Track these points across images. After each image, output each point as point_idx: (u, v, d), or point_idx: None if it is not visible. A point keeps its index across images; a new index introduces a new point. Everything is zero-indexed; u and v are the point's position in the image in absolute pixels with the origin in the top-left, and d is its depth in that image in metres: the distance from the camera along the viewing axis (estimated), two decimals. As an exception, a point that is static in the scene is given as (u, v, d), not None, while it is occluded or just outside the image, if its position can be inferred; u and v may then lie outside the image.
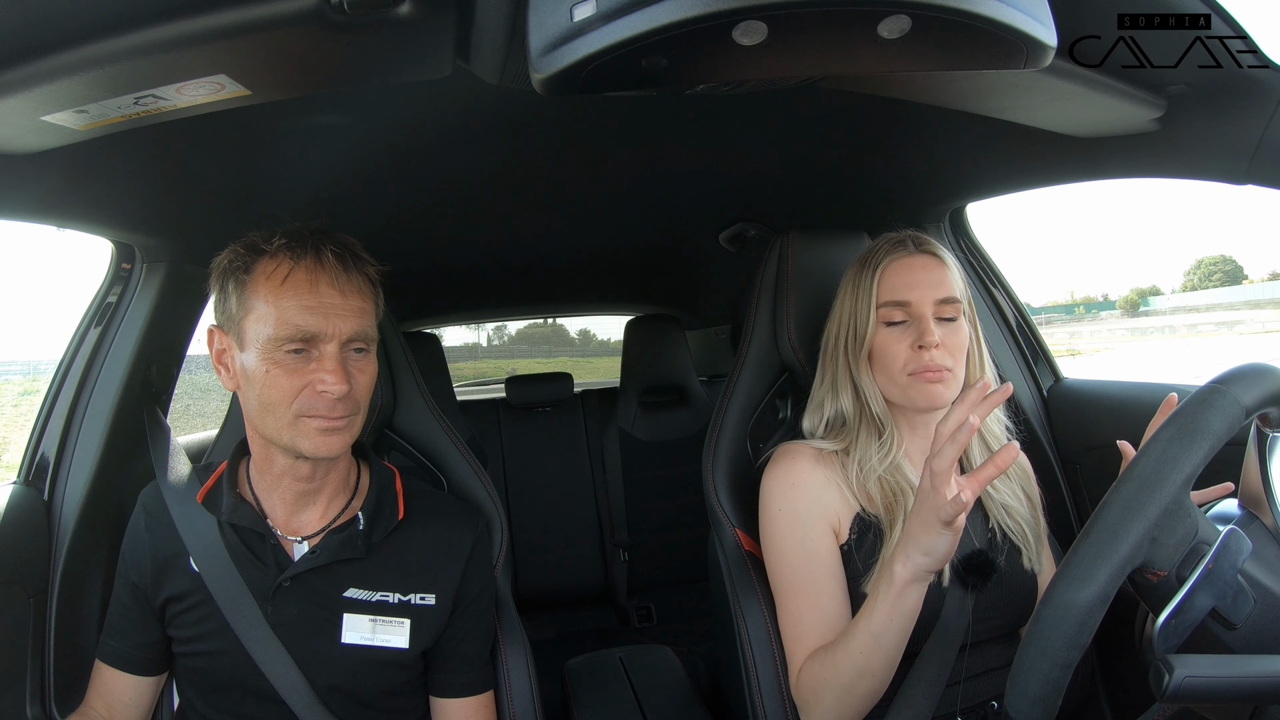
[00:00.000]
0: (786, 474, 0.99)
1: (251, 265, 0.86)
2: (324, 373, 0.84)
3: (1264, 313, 17.87)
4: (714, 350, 2.87)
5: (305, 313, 0.83)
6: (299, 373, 0.84)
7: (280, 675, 0.89)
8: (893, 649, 0.83)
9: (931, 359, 0.93)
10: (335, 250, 0.87)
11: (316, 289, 0.85)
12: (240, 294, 0.85)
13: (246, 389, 0.86)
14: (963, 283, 0.99)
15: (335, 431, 0.86)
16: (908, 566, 0.78)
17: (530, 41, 0.54)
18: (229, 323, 0.87)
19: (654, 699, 1.30)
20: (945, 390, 0.94)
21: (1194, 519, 0.63)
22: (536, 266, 2.25)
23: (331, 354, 0.85)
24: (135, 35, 0.61)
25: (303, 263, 0.85)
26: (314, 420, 0.85)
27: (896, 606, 0.80)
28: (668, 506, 2.42)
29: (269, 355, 0.83)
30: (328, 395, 0.84)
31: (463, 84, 0.76)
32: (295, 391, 0.84)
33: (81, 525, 1.13)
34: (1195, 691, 0.54)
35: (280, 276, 0.84)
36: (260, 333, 0.84)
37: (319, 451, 0.86)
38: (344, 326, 0.85)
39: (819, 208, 1.69)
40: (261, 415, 0.86)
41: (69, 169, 0.91)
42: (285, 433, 0.85)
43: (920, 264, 0.97)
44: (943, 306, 0.95)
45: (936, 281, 0.96)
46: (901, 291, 0.96)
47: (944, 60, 0.59)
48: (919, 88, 0.87)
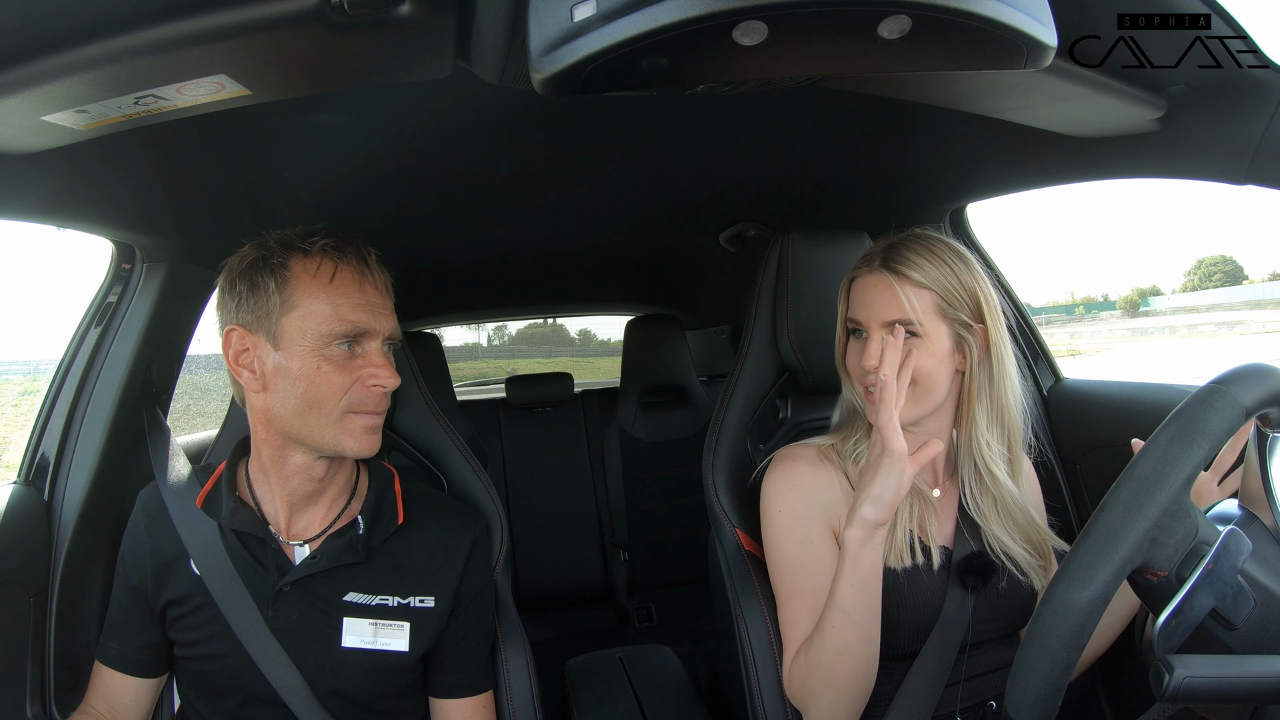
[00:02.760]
0: (787, 476, 0.99)
1: (288, 262, 0.86)
2: (374, 368, 0.87)
3: (1264, 313, 17.87)
4: (714, 350, 2.87)
5: (358, 309, 0.87)
6: (348, 369, 0.86)
7: (281, 679, 0.89)
8: (864, 621, 0.85)
9: (874, 379, 0.92)
10: (371, 253, 0.91)
11: (364, 288, 0.88)
12: (282, 291, 0.86)
13: (282, 389, 0.86)
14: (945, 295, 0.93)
15: (377, 431, 0.90)
16: (856, 525, 0.84)
17: (530, 41, 0.54)
18: (259, 321, 0.86)
19: (654, 699, 1.30)
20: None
21: (1194, 519, 0.63)
22: (537, 266, 2.25)
23: (377, 350, 0.89)
24: (135, 35, 0.61)
25: (347, 262, 0.88)
26: (361, 417, 0.87)
27: (856, 572, 0.85)
28: (668, 506, 2.42)
29: (320, 351, 0.85)
30: (379, 389, 0.87)
31: (463, 84, 0.76)
32: (345, 387, 0.86)
33: (81, 525, 1.13)
34: (1195, 692, 0.54)
35: (327, 275, 0.86)
36: (308, 329, 0.85)
37: (363, 451, 0.88)
38: (386, 324, 0.90)
39: (819, 208, 1.69)
40: (302, 414, 0.86)
41: (69, 169, 0.91)
42: (329, 431, 0.86)
43: (873, 283, 0.95)
44: (891, 327, 0.92)
45: (885, 302, 0.93)
46: (855, 309, 0.97)
47: (944, 60, 0.59)
48: (919, 88, 0.87)
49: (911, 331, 0.92)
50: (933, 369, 0.92)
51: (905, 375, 0.90)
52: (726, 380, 1.22)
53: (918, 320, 0.92)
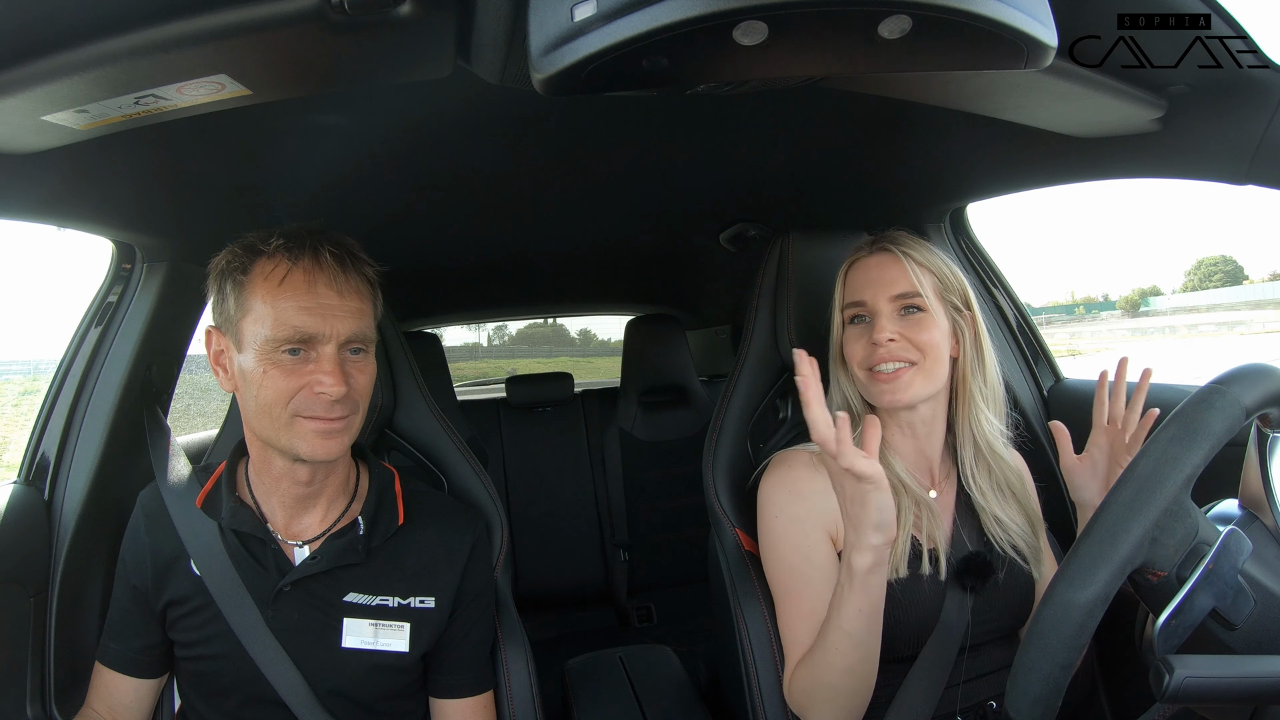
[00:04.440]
0: (784, 481, 0.99)
1: (249, 266, 0.85)
2: (321, 374, 0.83)
3: (1265, 313, 17.85)
4: (714, 350, 2.87)
5: (302, 314, 0.83)
6: (296, 374, 0.84)
7: (281, 679, 0.89)
8: (869, 642, 0.84)
9: (887, 353, 0.94)
10: (333, 251, 0.86)
11: (314, 290, 0.84)
12: (238, 295, 0.85)
13: (244, 390, 0.86)
14: (941, 278, 0.98)
15: (333, 434, 0.86)
16: (863, 553, 0.79)
17: (531, 41, 0.54)
18: (227, 324, 0.87)
19: (654, 699, 1.30)
20: (905, 386, 0.94)
21: (1194, 519, 0.63)
22: (537, 266, 2.25)
23: (329, 355, 0.84)
24: (136, 35, 0.61)
25: (300, 263, 0.85)
26: (311, 422, 0.84)
27: (863, 597, 0.81)
28: (668, 506, 2.42)
29: (266, 356, 0.83)
30: (324, 396, 0.83)
31: (463, 84, 0.76)
32: (292, 392, 0.83)
33: (82, 525, 1.13)
34: (1195, 692, 0.54)
35: (278, 277, 0.84)
36: (258, 334, 0.83)
37: (316, 454, 0.85)
38: (341, 327, 0.85)
39: (819, 208, 1.69)
40: (259, 417, 0.85)
41: (69, 169, 0.91)
42: (282, 435, 0.85)
43: (875, 263, 0.98)
44: (900, 301, 0.96)
45: (892, 279, 0.96)
46: (858, 291, 0.99)
47: (944, 60, 0.59)
48: (919, 88, 0.87)
49: (918, 306, 0.95)
50: (939, 343, 0.96)
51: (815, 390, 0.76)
52: (726, 380, 1.22)
53: (924, 293, 0.95)
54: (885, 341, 0.94)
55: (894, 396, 0.95)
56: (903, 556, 0.93)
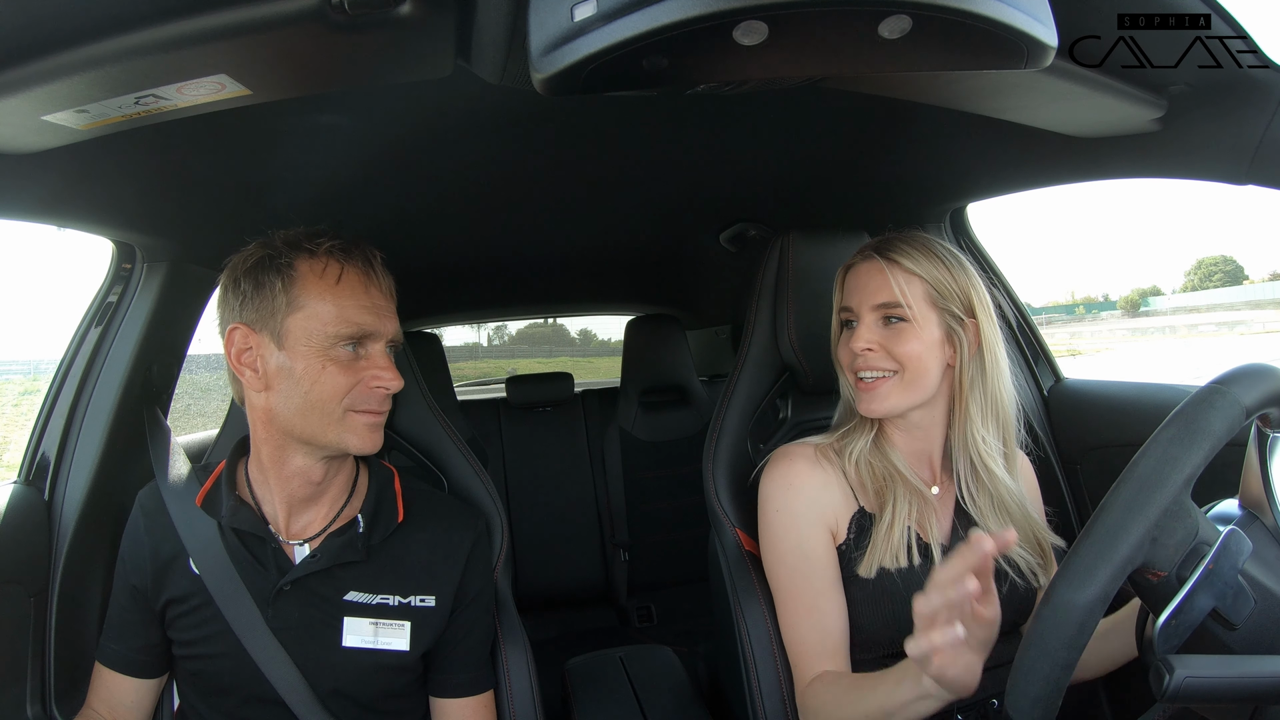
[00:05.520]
0: (784, 476, 0.99)
1: (294, 263, 0.87)
2: (378, 369, 0.89)
3: (1265, 313, 17.86)
4: (714, 350, 2.87)
5: (364, 311, 0.88)
6: (352, 370, 0.87)
7: (281, 678, 0.89)
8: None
9: (864, 362, 0.95)
10: (376, 257, 0.92)
11: (369, 290, 0.89)
12: (288, 292, 0.86)
13: (285, 388, 0.86)
14: (936, 285, 0.94)
15: (378, 428, 0.91)
16: (933, 698, 0.74)
17: (531, 41, 0.54)
18: (264, 321, 0.87)
19: (654, 699, 1.30)
20: (882, 397, 0.94)
21: (1194, 519, 0.63)
22: (537, 266, 2.25)
23: (380, 352, 0.90)
24: (136, 35, 0.61)
25: (353, 264, 0.89)
26: (363, 416, 0.88)
27: (920, 704, 0.77)
28: (668, 506, 2.42)
29: (325, 352, 0.86)
30: (382, 390, 0.89)
31: (463, 84, 0.76)
32: (349, 387, 0.87)
33: (82, 525, 1.13)
34: (1195, 692, 0.54)
35: (334, 276, 0.87)
36: (313, 330, 0.85)
37: (366, 448, 0.89)
38: (390, 327, 0.91)
39: (819, 208, 1.69)
40: (305, 414, 0.86)
41: (70, 169, 0.91)
42: (331, 430, 0.87)
43: (864, 270, 0.98)
44: (881, 310, 0.95)
45: (876, 288, 0.96)
46: (847, 297, 1.00)
47: (945, 60, 0.59)
48: (920, 88, 0.87)
49: (900, 316, 0.95)
50: (921, 354, 0.94)
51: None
52: (726, 380, 1.22)
53: (906, 304, 0.94)
54: (861, 350, 0.95)
55: (870, 406, 0.96)
56: (901, 547, 0.93)
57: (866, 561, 0.94)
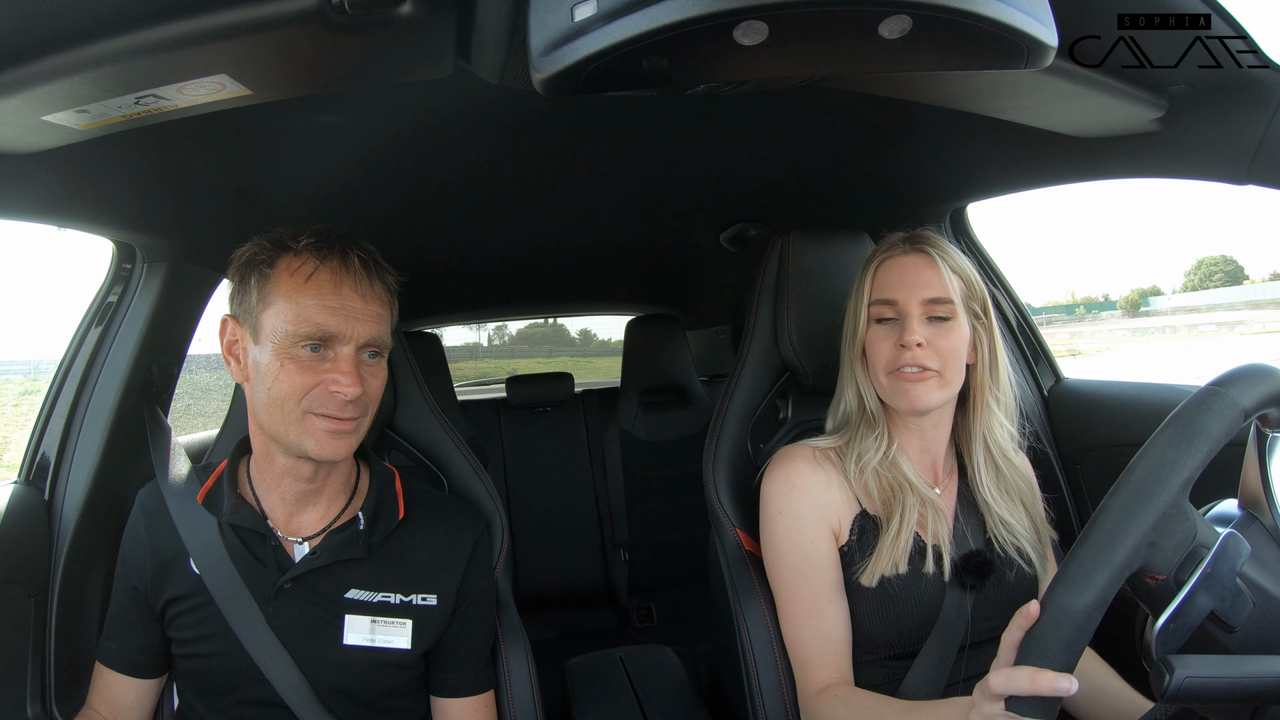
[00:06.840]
0: (786, 476, 0.99)
1: (275, 260, 0.86)
2: (338, 374, 0.85)
3: (1265, 313, 17.85)
4: (714, 350, 2.87)
5: (326, 312, 0.85)
6: (313, 371, 0.85)
7: (281, 677, 0.89)
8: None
9: (913, 357, 0.92)
10: (361, 255, 0.88)
11: (340, 290, 0.86)
12: (261, 288, 0.86)
13: (256, 382, 0.87)
14: (968, 283, 0.97)
15: (342, 435, 0.87)
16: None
17: (531, 41, 0.54)
18: (245, 315, 0.88)
19: (654, 699, 1.30)
20: (925, 392, 0.93)
21: (1192, 522, 0.63)
22: (537, 266, 2.25)
23: (347, 356, 0.86)
24: (136, 35, 0.61)
25: (328, 263, 0.86)
26: (322, 420, 0.85)
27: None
28: (668, 506, 2.42)
29: (285, 350, 0.84)
30: (339, 396, 0.85)
31: (463, 84, 0.76)
32: (306, 388, 0.85)
33: (82, 525, 1.13)
34: (1195, 692, 0.54)
35: (305, 274, 0.85)
36: (278, 328, 0.84)
37: (324, 454, 0.86)
38: (362, 330, 0.87)
39: (820, 208, 1.69)
40: (269, 410, 0.86)
41: (70, 169, 0.91)
42: (291, 430, 0.85)
43: (910, 263, 0.96)
44: (931, 306, 0.94)
45: (926, 281, 0.94)
46: (889, 290, 0.96)
47: (945, 60, 0.59)
48: (920, 88, 0.86)
49: (946, 315, 0.94)
50: (960, 352, 0.95)
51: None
52: (726, 380, 1.22)
53: (955, 300, 0.94)
54: (914, 345, 0.92)
55: (913, 403, 0.93)
56: (904, 553, 0.93)
57: (870, 570, 0.93)
